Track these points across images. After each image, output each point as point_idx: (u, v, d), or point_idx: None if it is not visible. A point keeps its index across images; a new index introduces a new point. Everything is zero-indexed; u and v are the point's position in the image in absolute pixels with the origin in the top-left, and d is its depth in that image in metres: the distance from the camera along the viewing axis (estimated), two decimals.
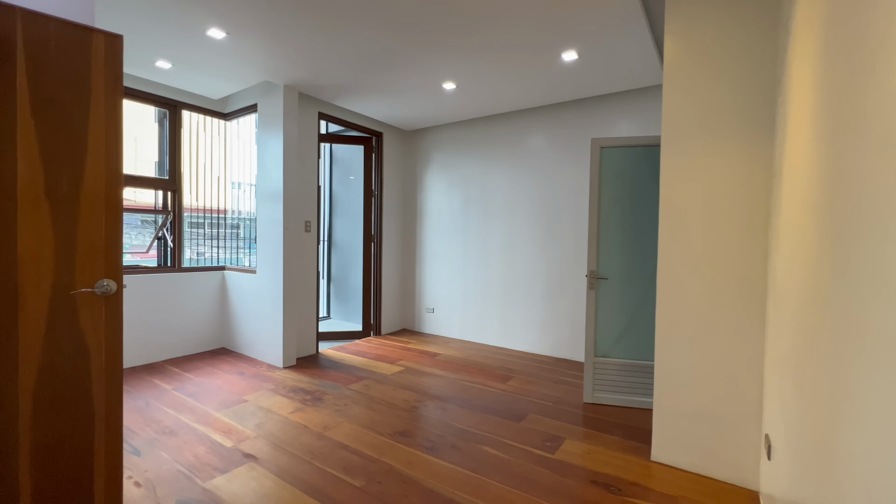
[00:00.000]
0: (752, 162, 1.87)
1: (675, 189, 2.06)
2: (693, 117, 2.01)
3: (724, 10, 1.93)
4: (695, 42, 2.01)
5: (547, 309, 4.00)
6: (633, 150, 2.76)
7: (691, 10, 2.01)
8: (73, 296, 1.53)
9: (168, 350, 3.72)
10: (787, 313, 1.40)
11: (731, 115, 1.92)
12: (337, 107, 4.16)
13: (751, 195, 1.88)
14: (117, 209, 1.62)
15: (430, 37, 2.64)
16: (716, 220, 1.95)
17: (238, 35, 2.68)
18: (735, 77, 1.91)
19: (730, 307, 1.92)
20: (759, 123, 1.86)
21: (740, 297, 1.90)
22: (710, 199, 1.97)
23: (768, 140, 1.84)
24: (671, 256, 2.07)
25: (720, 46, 1.95)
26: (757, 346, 1.86)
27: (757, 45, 1.87)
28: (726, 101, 1.93)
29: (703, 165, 1.99)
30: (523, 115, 4.12)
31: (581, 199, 3.79)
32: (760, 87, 1.86)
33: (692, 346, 2.02)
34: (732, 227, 1.91)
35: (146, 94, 3.60)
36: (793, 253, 1.34)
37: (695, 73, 2.01)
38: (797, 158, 1.34)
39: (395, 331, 4.98)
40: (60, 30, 1.48)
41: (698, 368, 2.00)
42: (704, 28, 1.98)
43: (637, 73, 3.18)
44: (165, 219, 3.83)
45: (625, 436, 2.39)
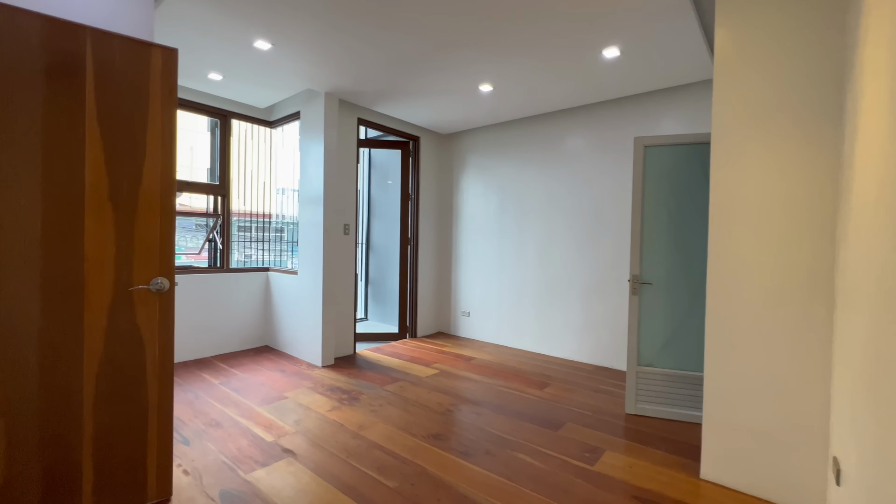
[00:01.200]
0: (816, 159, 1.72)
1: (727, 189, 1.93)
2: (747, 113, 1.88)
3: None
4: (748, 32, 1.88)
5: (585, 314, 3.87)
6: (680, 148, 2.62)
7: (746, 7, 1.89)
8: (130, 292, 1.63)
9: (216, 346, 3.92)
10: (860, 322, 1.26)
11: (790, 109, 1.78)
12: (375, 112, 4.25)
13: (814, 195, 1.72)
14: (171, 212, 1.72)
15: (466, 39, 2.64)
16: (773, 221, 1.81)
17: (282, 45, 2.80)
18: (794, 68, 1.77)
19: (790, 315, 1.77)
20: (824, 117, 1.70)
21: (802, 304, 1.74)
22: (766, 198, 1.82)
23: (834, 135, 1.68)
24: (722, 260, 1.94)
25: (777, 35, 1.81)
26: (822, 358, 1.70)
27: (820, 32, 1.72)
28: (785, 94, 1.79)
29: (758, 163, 1.85)
30: (561, 115, 4.03)
31: (622, 201, 3.65)
32: (825, 77, 1.71)
33: (747, 356, 1.88)
34: (793, 229, 1.76)
35: (199, 105, 3.83)
36: (866, 256, 1.21)
37: (748, 65, 1.88)
38: (871, 155, 1.21)
39: (431, 333, 4.99)
40: (124, 46, 1.60)
41: (754, 381, 1.86)
42: (759, 17, 1.85)
43: (683, 69, 3.02)
44: (216, 222, 4.05)
45: (670, 450, 2.26)
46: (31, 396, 1.44)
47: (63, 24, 1.48)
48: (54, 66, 1.46)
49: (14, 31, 1.39)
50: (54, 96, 1.46)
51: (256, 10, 2.36)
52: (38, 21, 1.43)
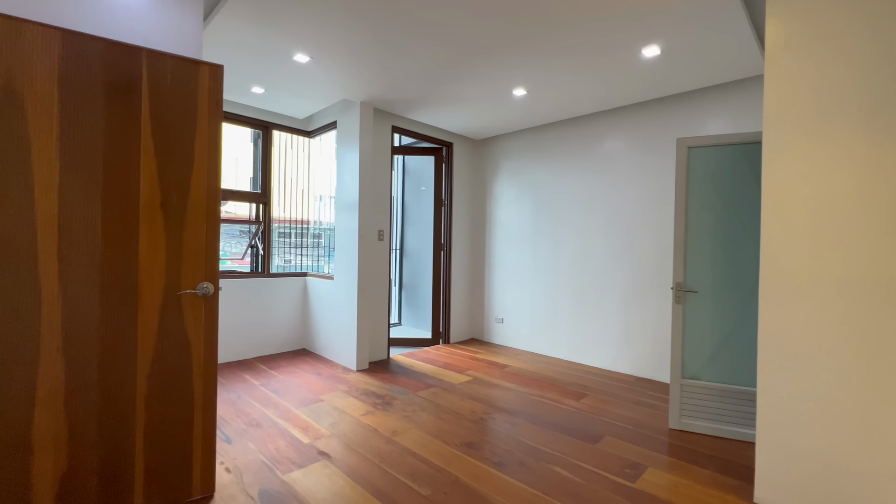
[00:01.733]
0: (885, 155, 1.57)
1: (781, 190, 1.80)
2: (802, 108, 1.75)
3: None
4: (803, 22, 1.76)
5: (624, 323, 3.72)
6: (727, 149, 2.48)
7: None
8: (179, 296, 1.72)
9: (257, 348, 4.07)
10: None
11: (852, 102, 1.64)
12: (409, 119, 4.30)
13: (883, 193, 1.57)
14: (216, 219, 1.80)
15: (499, 45, 2.63)
16: (835, 223, 1.67)
17: (320, 58, 2.89)
18: (857, 58, 1.63)
19: (859, 327, 1.62)
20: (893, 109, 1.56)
21: (874, 314, 1.59)
22: (827, 199, 1.68)
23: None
24: (776, 267, 1.81)
25: (836, 23, 1.68)
26: (891, 381, 1.54)
27: (887, 17, 1.58)
28: (845, 86, 1.65)
29: (815, 162, 1.71)
30: (597, 117, 3.93)
31: (663, 205, 3.49)
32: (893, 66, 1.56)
33: (807, 371, 1.73)
34: (859, 232, 1.62)
35: (243, 118, 4.02)
36: None
37: (804, 57, 1.75)
38: None
39: (464, 340, 4.97)
40: (175, 64, 1.70)
41: (817, 399, 1.71)
42: (815, 4, 1.72)
43: (730, 65, 2.86)
44: (258, 229, 4.22)
45: (719, 470, 2.11)
46: (91, 391, 1.54)
47: (122, 47, 1.59)
48: (114, 84, 1.57)
49: (81, 55, 1.51)
50: (114, 113, 1.57)
51: (296, 24, 2.45)
52: (102, 44, 1.55)
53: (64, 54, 1.48)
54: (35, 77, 1.44)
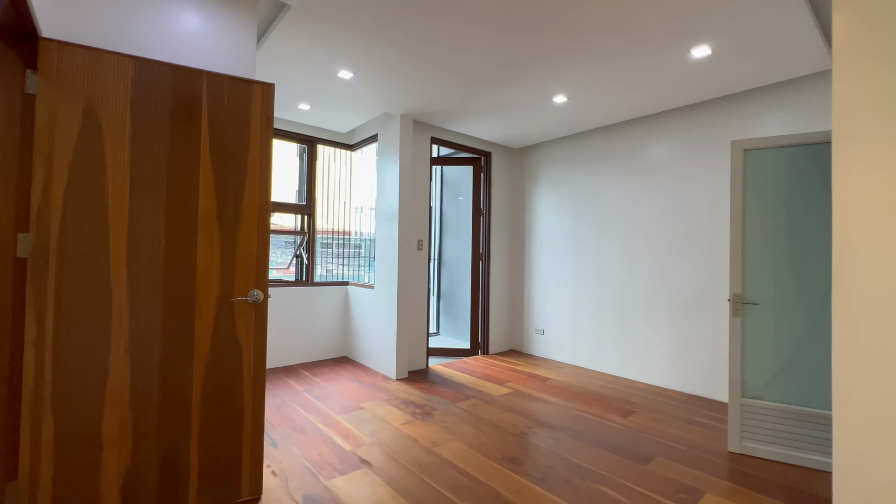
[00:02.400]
0: None
1: (855, 194, 1.64)
2: (877, 105, 1.60)
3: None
4: (875, 11, 1.61)
5: (675, 337, 3.52)
6: (789, 150, 2.31)
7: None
8: (231, 303, 1.81)
9: (300, 355, 4.20)
10: None
11: None
12: (447, 130, 4.35)
13: None
14: (266, 230, 1.89)
15: (538, 52, 2.61)
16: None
17: (363, 74, 2.99)
18: None
19: None
20: None
21: None
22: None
23: None
24: (851, 277, 1.64)
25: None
26: None
27: None
28: None
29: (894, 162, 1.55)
30: (641, 122, 3.79)
31: (716, 210, 3.30)
32: None
33: (891, 393, 1.55)
34: None
35: (291, 133, 4.22)
36: None
37: (879, 52, 1.61)
38: None
39: (503, 351, 4.88)
40: (231, 84, 1.81)
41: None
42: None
43: (789, 62, 2.68)
44: (303, 239, 4.39)
45: (788, 499, 1.92)
46: (152, 392, 1.64)
47: (185, 70, 1.71)
48: (178, 105, 1.70)
49: (150, 79, 1.64)
50: (177, 132, 1.69)
51: (341, 43, 2.55)
52: (168, 69, 1.68)
53: (136, 79, 1.62)
54: (111, 101, 1.58)
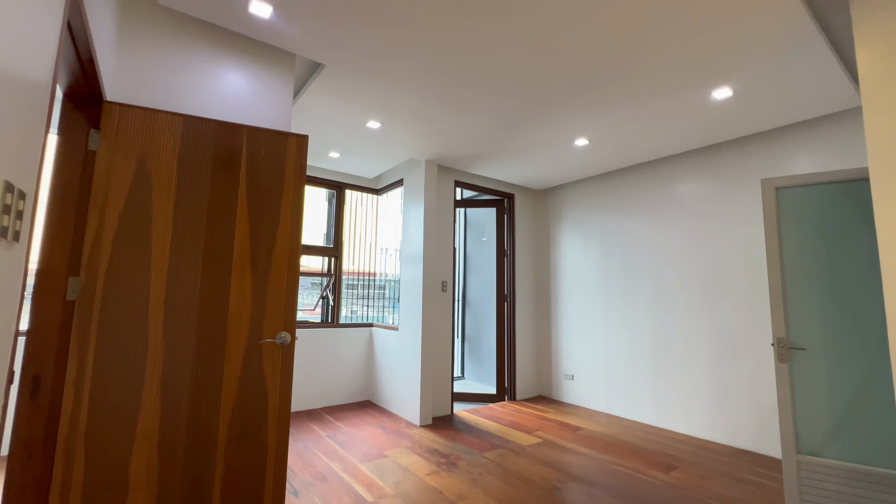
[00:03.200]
0: None
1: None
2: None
3: None
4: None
5: (715, 384, 3.30)
6: (824, 187, 2.24)
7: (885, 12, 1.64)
8: (260, 345, 1.83)
9: (324, 399, 4.15)
10: None
11: None
12: (471, 174, 4.46)
13: None
14: (296, 273, 1.94)
15: (559, 98, 2.69)
16: None
17: (390, 123, 3.15)
18: None
19: None
20: None
21: None
22: None
23: None
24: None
25: None
26: None
27: None
28: None
29: None
30: (667, 161, 3.79)
31: (750, 250, 3.18)
32: None
33: None
34: None
35: (321, 180, 4.43)
36: None
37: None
38: None
39: (531, 397, 4.69)
40: (269, 136, 1.94)
41: None
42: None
43: (815, 100, 2.66)
44: (329, 281, 4.47)
45: None
46: (180, 434, 1.64)
47: (228, 126, 1.85)
48: (220, 157, 1.82)
49: (197, 134, 1.79)
50: (218, 180, 1.81)
51: (370, 96, 2.72)
52: (213, 125, 1.82)
53: (184, 135, 1.76)
54: (161, 155, 1.71)
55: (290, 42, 2.16)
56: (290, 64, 2.27)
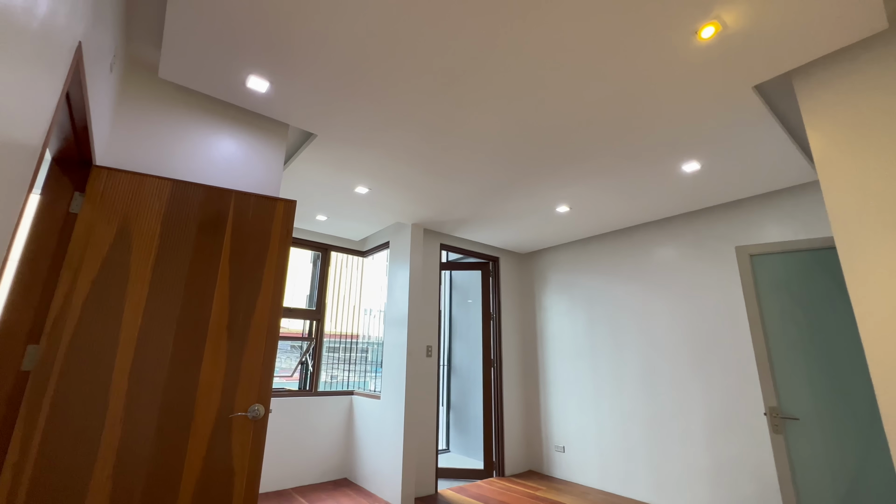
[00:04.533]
0: None
1: (876, 299, 1.61)
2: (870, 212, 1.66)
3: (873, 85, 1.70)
4: (847, 129, 1.77)
5: (713, 456, 3.16)
6: (797, 255, 2.33)
7: (829, 95, 1.82)
8: (230, 419, 1.70)
9: (296, 477, 3.80)
10: None
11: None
12: (456, 237, 4.54)
13: None
14: (274, 340, 1.86)
15: (542, 169, 2.84)
16: None
17: (378, 189, 3.24)
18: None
19: None
20: None
21: None
22: None
23: None
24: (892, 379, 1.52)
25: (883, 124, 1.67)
26: None
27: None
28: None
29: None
30: (647, 227, 3.93)
31: (735, 316, 3.22)
32: None
33: None
34: None
35: (307, 241, 4.43)
36: None
37: (858, 161, 1.72)
38: None
39: (521, 472, 4.39)
40: (257, 201, 1.95)
41: None
42: (854, 111, 1.75)
43: (777, 174, 2.87)
44: (309, 346, 4.30)
45: None
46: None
47: (217, 191, 1.87)
48: (205, 221, 1.81)
49: (184, 198, 1.79)
50: (201, 244, 1.78)
51: (359, 164, 2.82)
52: (202, 190, 1.84)
53: (171, 199, 1.76)
54: (145, 218, 1.70)
55: (285, 114, 2.26)
56: (283, 133, 2.37)
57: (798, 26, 1.63)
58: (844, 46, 1.76)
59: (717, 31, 1.65)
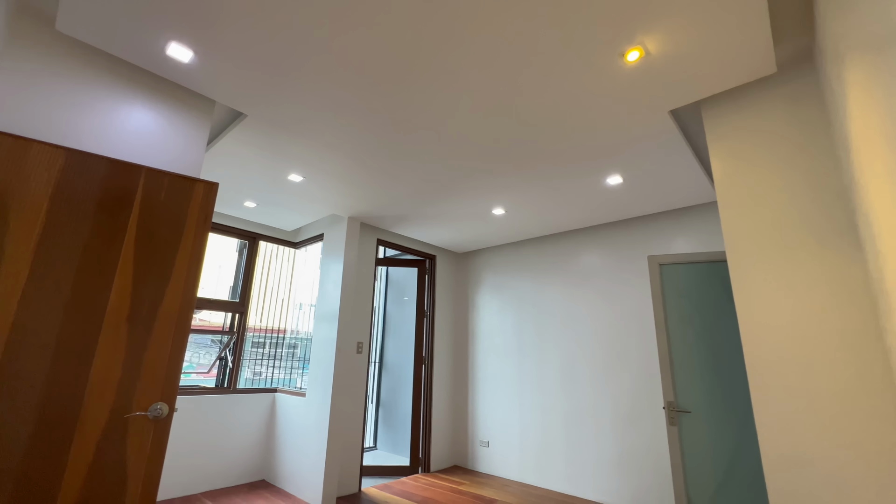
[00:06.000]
0: (839, 262, 1.67)
1: (755, 305, 1.85)
2: (757, 229, 1.90)
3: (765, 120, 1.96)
4: (741, 157, 2.01)
5: (620, 448, 3.44)
6: (697, 266, 2.61)
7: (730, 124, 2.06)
8: (126, 419, 1.53)
9: (208, 481, 3.54)
10: None
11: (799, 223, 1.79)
12: (394, 233, 4.49)
13: (845, 304, 1.63)
14: (184, 333, 1.71)
15: (479, 172, 2.89)
16: (812, 330, 1.68)
17: (313, 178, 3.11)
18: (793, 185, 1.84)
19: (863, 449, 1.52)
20: (835, 228, 1.70)
21: (875, 422, 1.51)
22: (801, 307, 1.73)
23: (850, 246, 1.66)
24: (766, 385, 1.76)
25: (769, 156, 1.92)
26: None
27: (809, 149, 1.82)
28: (790, 209, 1.83)
29: (781, 276, 1.80)
30: (574, 235, 4.18)
31: (645, 319, 3.53)
32: (825, 190, 1.76)
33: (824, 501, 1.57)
34: (837, 334, 1.62)
35: (232, 229, 4.13)
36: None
37: (748, 186, 1.97)
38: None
39: (446, 467, 4.46)
40: (172, 181, 1.78)
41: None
42: (748, 142, 2.00)
43: (687, 193, 3.19)
44: (229, 340, 4.02)
45: None
46: None
47: (123, 165, 1.68)
48: (107, 199, 1.62)
49: (82, 171, 1.58)
50: (100, 225, 1.59)
51: (293, 149, 2.68)
52: (104, 163, 1.64)
53: (65, 170, 1.55)
54: (28, 191, 1.47)
55: (210, 89, 2.09)
56: (208, 109, 2.18)
57: (704, 63, 1.83)
58: (742, 84, 1.99)
59: (640, 56, 1.80)
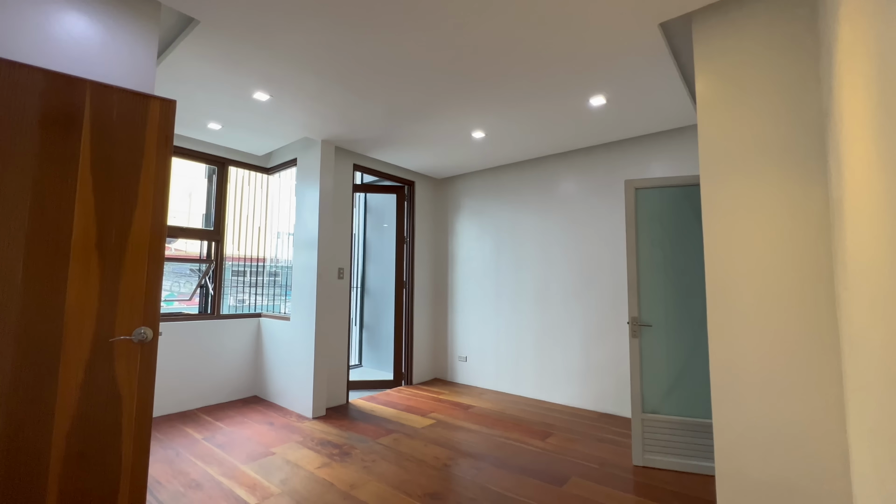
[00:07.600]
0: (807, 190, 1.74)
1: (720, 226, 1.93)
2: (733, 153, 1.92)
3: (756, 41, 1.89)
4: (727, 78, 1.96)
5: (586, 359, 3.76)
6: (671, 190, 2.66)
7: (720, 43, 1.99)
8: (111, 343, 1.56)
9: (202, 398, 3.74)
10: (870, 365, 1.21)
11: (775, 148, 1.82)
12: (371, 158, 4.34)
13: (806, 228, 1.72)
14: (159, 259, 1.68)
15: (457, 91, 2.74)
16: (769, 254, 1.79)
17: (281, 97, 2.89)
18: (775, 110, 1.83)
19: (797, 358, 1.71)
20: (808, 157, 1.74)
21: (808, 346, 1.69)
22: (761, 232, 1.82)
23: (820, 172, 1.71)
24: (721, 301, 1.91)
25: (756, 79, 1.88)
26: (835, 404, 1.63)
27: (796, 75, 1.79)
28: (769, 134, 1.84)
29: (748, 201, 1.87)
30: (553, 159, 4.14)
31: (617, 243, 3.66)
32: (805, 117, 1.76)
33: (755, 402, 1.80)
34: (790, 269, 1.75)
35: (198, 153, 3.90)
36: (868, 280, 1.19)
37: (730, 109, 1.95)
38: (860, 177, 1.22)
39: (427, 380, 4.82)
40: (122, 98, 1.63)
41: (765, 429, 1.76)
42: (736, 62, 1.94)
43: (668, 114, 3.14)
44: (208, 268, 4.00)
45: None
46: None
47: (63, 78, 1.51)
48: (51, 118, 1.48)
49: (14, 85, 1.42)
50: (49, 147, 1.47)
51: (256, 63, 2.45)
52: (40, 75, 1.47)
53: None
54: None
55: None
56: (154, 14, 1.93)
57: None
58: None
59: None
